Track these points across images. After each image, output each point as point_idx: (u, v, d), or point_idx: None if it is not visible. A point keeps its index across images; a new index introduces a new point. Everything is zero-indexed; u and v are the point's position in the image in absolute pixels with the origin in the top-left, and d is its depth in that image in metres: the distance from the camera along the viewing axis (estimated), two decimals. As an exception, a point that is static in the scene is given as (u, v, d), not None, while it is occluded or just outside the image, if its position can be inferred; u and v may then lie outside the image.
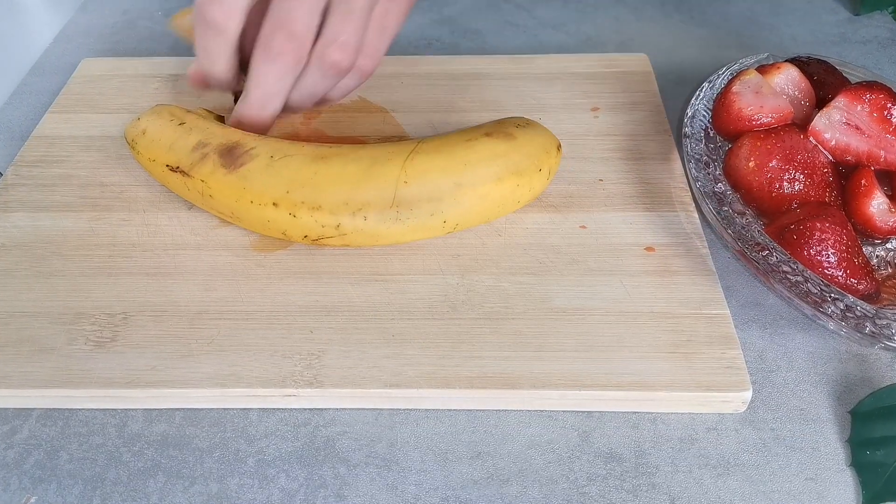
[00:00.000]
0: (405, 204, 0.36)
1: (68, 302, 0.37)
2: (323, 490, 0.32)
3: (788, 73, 0.42)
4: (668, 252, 0.39)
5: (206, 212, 0.41)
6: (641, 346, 0.35)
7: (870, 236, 0.38)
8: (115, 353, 0.35)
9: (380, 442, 0.33)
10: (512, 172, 0.37)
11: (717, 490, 0.32)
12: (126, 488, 0.32)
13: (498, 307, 0.36)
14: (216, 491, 0.32)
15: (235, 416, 0.34)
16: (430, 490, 0.32)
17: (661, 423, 0.34)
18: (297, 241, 0.38)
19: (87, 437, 0.33)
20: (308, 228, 0.37)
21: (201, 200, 0.39)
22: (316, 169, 0.37)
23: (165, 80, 0.50)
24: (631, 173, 0.43)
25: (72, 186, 0.43)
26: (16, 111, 0.50)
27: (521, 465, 0.32)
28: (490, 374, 0.34)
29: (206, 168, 0.38)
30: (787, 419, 0.34)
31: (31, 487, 0.32)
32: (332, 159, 0.37)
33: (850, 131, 0.39)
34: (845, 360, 0.36)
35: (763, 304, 0.38)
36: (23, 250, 0.39)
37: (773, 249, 0.35)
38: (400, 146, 0.38)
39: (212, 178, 0.38)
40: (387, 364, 0.34)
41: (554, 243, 0.39)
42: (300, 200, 0.36)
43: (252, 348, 0.35)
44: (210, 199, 0.38)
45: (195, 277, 0.38)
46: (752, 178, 0.39)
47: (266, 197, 0.37)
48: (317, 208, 0.36)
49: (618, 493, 0.31)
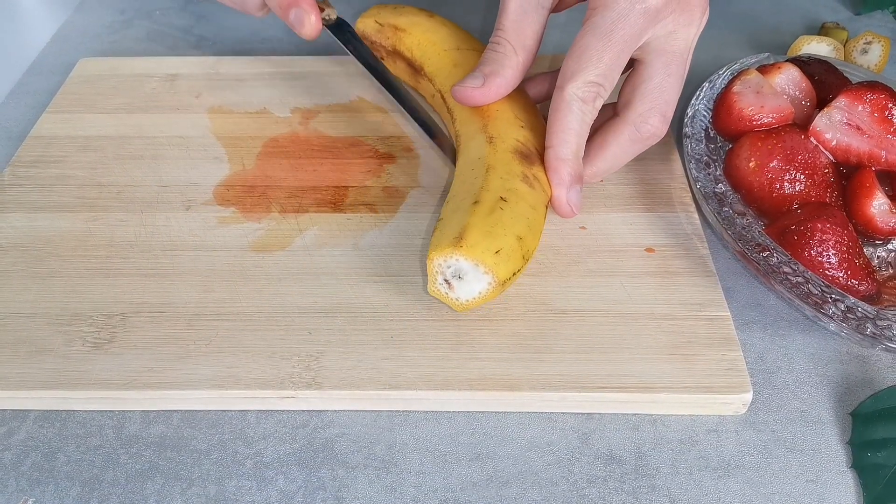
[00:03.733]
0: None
1: (66, 303, 0.37)
2: (321, 492, 0.31)
3: (789, 72, 0.42)
4: (668, 253, 0.39)
5: (204, 213, 0.41)
6: (641, 348, 0.35)
7: (871, 237, 0.38)
8: (113, 354, 0.34)
9: (379, 444, 0.33)
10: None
11: (717, 492, 0.31)
12: (124, 490, 0.31)
13: (497, 308, 0.36)
14: (214, 493, 0.31)
15: (234, 417, 0.34)
16: (429, 492, 0.31)
17: (662, 425, 0.34)
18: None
19: (85, 438, 0.33)
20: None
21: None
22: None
23: (163, 79, 0.50)
24: (631, 174, 0.43)
25: (69, 187, 0.43)
26: (13, 111, 0.50)
27: (520, 466, 0.32)
28: (489, 375, 0.34)
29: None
30: (788, 421, 0.34)
31: (28, 489, 0.32)
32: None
33: (851, 131, 0.39)
34: (846, 362, 0.36)
35: (764, 305, 0.38)
36: (20, 251, 0.39)
37: (773, 250, 0.35)
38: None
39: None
40: (386, 365, 0.34)
41: (554, 244, 0.39)
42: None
43: (250, 350, 0.35)
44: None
45: (193, 278, 0.38)
46: (753, 178, 0.38)
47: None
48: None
49: (618, 495, 0.31)
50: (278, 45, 0.56)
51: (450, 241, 0.33)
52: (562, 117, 0.36)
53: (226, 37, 0.57)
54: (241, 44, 0.57)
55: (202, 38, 0.57)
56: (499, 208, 0.34)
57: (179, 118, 0.47)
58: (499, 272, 0.33)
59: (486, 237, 0.33)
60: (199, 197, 0.42)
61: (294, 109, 0.48)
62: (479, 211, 0.34)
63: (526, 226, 0.34)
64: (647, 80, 0.36)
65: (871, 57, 0.50)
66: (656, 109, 0.37)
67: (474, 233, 0.33)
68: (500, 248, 0.33)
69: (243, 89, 0.49)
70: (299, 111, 0.48)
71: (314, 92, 0.49)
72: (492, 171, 0.36)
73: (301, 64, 0.51)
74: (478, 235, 0.33)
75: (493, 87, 0.38)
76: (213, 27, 0.58)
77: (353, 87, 0.49)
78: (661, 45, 0.36)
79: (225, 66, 0.51)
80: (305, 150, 0.45)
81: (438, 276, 0.34)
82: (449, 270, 0.33)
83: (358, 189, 0.43)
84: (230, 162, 0.44)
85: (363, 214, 0.41)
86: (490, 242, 0.33)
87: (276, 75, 0.50)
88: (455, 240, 0.33)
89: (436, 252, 0.33)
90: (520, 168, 0.36)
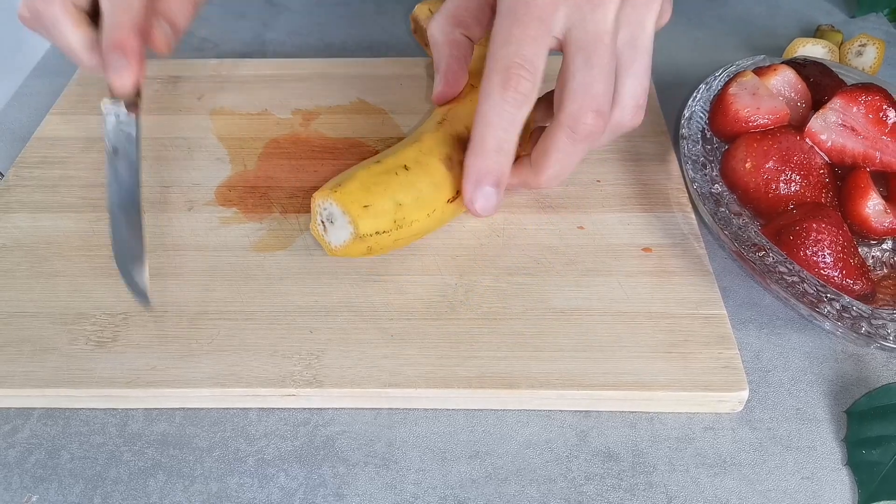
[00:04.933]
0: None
1: (69, 302, 0.37)
2: (322, 489, 0.32)
3: (785, 74, 0.42)
4: (665, 253, 0.39)
5: (206, 213, 0.41)
6: (639, 346, 0.35)
7: (865, 237, 0.38)
8: (116, 353, 0.35)
9: (379, 441, 0.33)
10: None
11: (713, 489, 0.32)
12: (127, 487, 0.32)
13: (496, 307, 0.37)
14: (216, 490, 0.32)
15: (235, 415, 0.34)
16: (428, 489, 0.32)
17: (659, 423, 0.34)
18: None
19: (88, 436, 0.34)
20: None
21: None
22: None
23: (165, 81, 0.50)
24: (628, 174, 0.44)
25: (73, 187, 0.43)
26: (17, 113, 0.51)
27: (519, 464, 0.33)
28: (488, 373, 0.34)
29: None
30: (784, 419, 0.34)
31: (32, 486, 0.32)
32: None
33: (845, 133, 0.39)
34: (841, 360, 0.36)
35: (760, 304, 0.39)
36: (24, 251, 0.40)
37: (769, 250, 0.35)
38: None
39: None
40: (386, 364, 0.34)
41: (552, 244, 0.40)
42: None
43: (252, 348, 0.35)
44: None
45: (195, 278, 0.38)
46: (749, 179, 0.39)
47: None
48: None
49: (615, 492, 0.32)
50: (279, 47, 0.57)
51: (332, 185, 0.36)
52: (479, 107, 0.34)
53: (228, 39, 0.58)
54: (243, 46, 0.57)
55: (205, 40, 0.58)
56: (394, 173, 0.36)
57: (182, 120, 0.48)
58: (360, 225, 0.35)
59: (361, 190, 0.35)
60: (202, 197, 0.43)
61: (295, 111, 0.48)
62: (374, 169, 0.36)
63: (414, 196, 0.36)
64: (571, 78, 0.33)
65: (865, 59, 0.51)
66: (586, 107, 0.33)
67: (354, 184, 0.35)
68: (370, 203, 0.35)
69: (245, 91, 0.50)
70: (300, 112, 0.48)
71: (315, 94, 0.49)
72: (417, 143, 0.37)
73: (302, 66, 0.52)
74: (355, 186, 0.35)
75: (440, 86, 0.39)
76: (216, 30, 0.59)
77: (354, 88, 0.50)
78: (580, 36, 0.33)
79: (227, 69, 0.51)
80: (306, 151, 0.45)
81: (317, 216, 0.36)
82: (325, 213, 0.36)
83: (358, 190, 0.43)
84: (232, 163, 0.45)
85: (363, 215, 0.41)
86: (363, 195, 0.35)
87: (277, 77, 0.51)
88: (336, 185, 0.35)
89: (318, 192, 0.36)
90: (450, 150, 0.37)
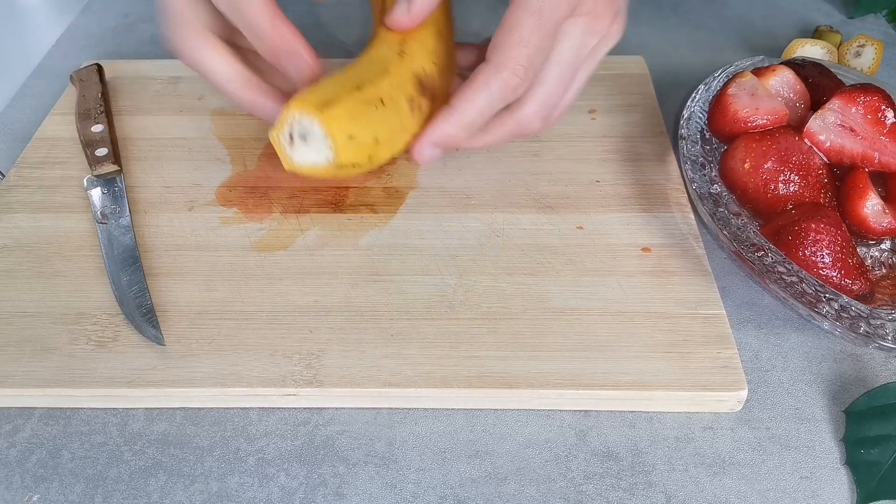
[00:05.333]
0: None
1: (70, 302, 0.37)
2: (322, 488, 0.32)
3: (783, 75, 0.42)
4: (664, 253, 0.39)
5: (206, 213, 0.41)
6: (638, 346, 0.35)
7: (864, 237, 0.38)
8: (117, 352, 0.35)
9: (379, 441, 0.33)
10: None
11: (712, 488, 0.32)
12: (127, 487, 0.32)
13: (496, 307, 0.37)
14: (216, 489, 0.32)
15: (235, 415, 0.34)
16: (428, 488, 0.32)
17: (658, 422, 0.34)
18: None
19: (89, 435, 0.34)
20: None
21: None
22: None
23: (166, 82, 0.50)
24: (628, 174, 0.44)
25: (73, 188, 0.43)
26: (18, 113, 0.51)
27: (518, 463, 0.33)
28: (488, 373, 0.34)
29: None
30: (783, 418, 0.34)
31: (33, 486, 0.32)
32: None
33: (844, 133, 0.39)
34: (840, 360, 0.36)
35: (758, 304, 0.39)
36: (25, 251, 0.40)
37: (768, 250, 0.35)
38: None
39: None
40: (386, 364, 0.34)
41: (551, 244, 0.40)
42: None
43: (252, 348, 0.35)
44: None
45: (196, 278, 0.38)
46: (748, 179, 0.39)
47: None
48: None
49: (614, 491, 0.32)
50: (279, 48, 0.57)
51: (316, 103, 0.34)
52: (475, 88, 0.35)
53: (227, 40, 0.58)
54: (243, 47, 0.57)
55: (204, 41, 0.58)
56: (374, 105, 0.35)
57: (182, 120, 0.48)
58: (341, 154, 0.34)
59: (348, 118, 0.34)
60: (202, 197, 0.43)
61: (295, 112, 0.48)
62: (357, 96, 0.35)
63: (388, 134, 0.35)
64: (516, 27, 0.35)
65: (864, 60, 0.51)
66: (520, 56, 0.34)
67: (341, 109, 0.34)
68: (355, 134, 0.34)
69: (245, 92, 0.50)
70: (300, 113, 0.48)
71: (315, 94, 0.49)
72: (387, 75, 0.36)
73: (302, 67, 0.52)
74: (343, 112, 0.34)
75: (416, 7, 0.37)
76: (215, 31, 0.59)
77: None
78: (549, 16, 0.35)
79: (227, 69, 0.51)
80: (306, 151, 0.46)
81: (286, 128, 0.34)
82: (298, 127, 0.34)
83: (358, 190, 0.43)
84: (232, 163, 0.45)
85: (363, 215, 0.42)
86: (350, 124, 0.34)
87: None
88: (321, 104, 0.34)
89: (298, 104, 0.34)
90: (412, 91, 0.36)
